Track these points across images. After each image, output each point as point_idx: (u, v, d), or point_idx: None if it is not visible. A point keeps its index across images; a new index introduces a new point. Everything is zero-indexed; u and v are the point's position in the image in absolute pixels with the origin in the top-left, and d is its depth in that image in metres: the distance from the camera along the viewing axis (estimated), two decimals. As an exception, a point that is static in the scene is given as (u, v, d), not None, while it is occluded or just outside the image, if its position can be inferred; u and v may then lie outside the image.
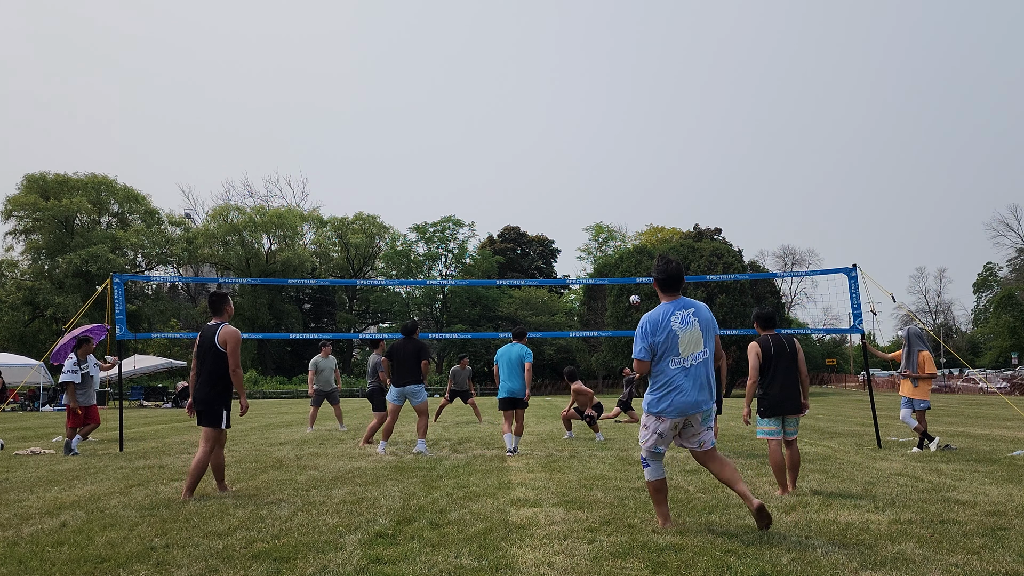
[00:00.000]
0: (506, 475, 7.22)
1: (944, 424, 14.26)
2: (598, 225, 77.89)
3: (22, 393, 29.09)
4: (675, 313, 4.62)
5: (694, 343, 4.59)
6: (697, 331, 4.60)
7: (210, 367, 6.06)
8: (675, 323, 4.59)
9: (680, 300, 4.69)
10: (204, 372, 6.08)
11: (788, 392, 6.01)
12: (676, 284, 4.71)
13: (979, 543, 4.19)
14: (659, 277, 4.72)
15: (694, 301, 4.70)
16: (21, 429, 15.72)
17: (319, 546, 4.21)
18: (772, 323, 6.29)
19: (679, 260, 4.98)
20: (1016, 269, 65.77)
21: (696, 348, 4.58)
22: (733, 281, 48.39)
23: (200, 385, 6.08)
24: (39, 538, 4.52)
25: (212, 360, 6.07)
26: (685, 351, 4.57)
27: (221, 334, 6.06)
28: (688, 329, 4.59)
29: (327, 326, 63.51)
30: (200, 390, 6.07)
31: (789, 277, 72.82)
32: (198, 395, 6.08)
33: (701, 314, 4.67)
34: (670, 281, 4.70)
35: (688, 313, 4.62)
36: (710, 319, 4.70)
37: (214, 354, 6.06)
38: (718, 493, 6.02)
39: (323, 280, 62.00)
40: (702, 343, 4.61)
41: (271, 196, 74.39)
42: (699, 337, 4.60)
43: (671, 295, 4.71)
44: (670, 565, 3.76)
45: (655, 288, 4.82)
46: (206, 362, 6.09)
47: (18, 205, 50.79)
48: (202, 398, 6.05)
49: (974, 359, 69.80)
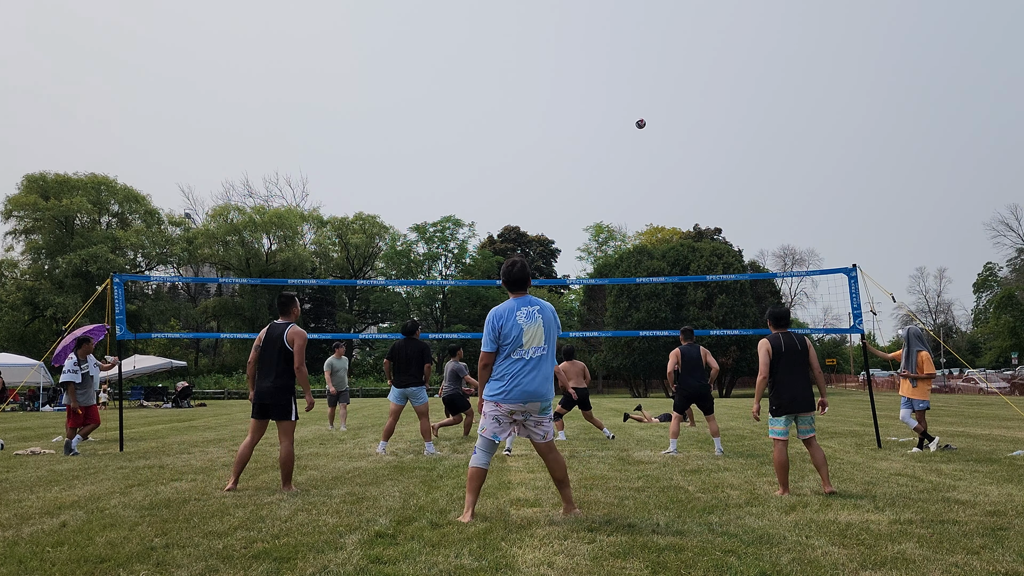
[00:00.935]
0: (506, 475, 7.22)
1: (944, 424, 14.26)
2: (598, 225, 77.90)
3: (22, 393, 29.08)
4: (520, 309, 4.96)
5: (536, 338, 4.91)
6: (540, 327, 4.93)
7: (278, 364, 6.35)
8: (520, 318, 4.92)
9: (526, 298, 5.04)
10: (271, 369, 6.35)
11: (798, 390, 5.99)
12: (521, 284, 5.06)
13: (979, 543, 4.19)
14: (504, 279, 5.08)
15: (540, 300, 5.05)
16: (21, 429, 15.72)
17: (319, 546, 4.21)
18: (785, 322, 6.34)
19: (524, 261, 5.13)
20: (1016, 269, 65.76)
21: (538, 343, 4.91)
22: (733, 281, 48.38)
23: (268, 381, 6.33)
24: (39, 538, 4.52)
25: (280, 357, 6.35)
26: (528, 344, 4.89)
27: (289, 333, 6.36)
28: (532, 324, 4.92)
29: (327, 326, 63.48)
30: (268, 386, 6.32)
31: (789, 277, 72.79)
32: (266, 391, 6.33)
33: (545, 313, 5.01)
34: (515, 282, 5.06)
35: (533, 310, 4.96)
36: (554, 319, 5.05)
37: (283, 352, 6.34)
38: (718, 493, 6.03)
39: (323, 280, 61.73)
40: (543, 339, 4.93)
41: (271, 196, 74.36)
42: (541, 333, 4.93)
43: (517, 293, 5.06)
44: (670, 565, 3.76)
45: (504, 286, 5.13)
46: (273, 359, 6.37)
47: (18, 205, 50.78)
48: (271, 393, 6.32)
49: (974, 359, 69.81)
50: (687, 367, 9.48)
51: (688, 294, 49.18)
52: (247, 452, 6.47)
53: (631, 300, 49.73)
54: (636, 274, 48.65)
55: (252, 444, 6.49)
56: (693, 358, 9.53)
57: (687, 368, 9.49)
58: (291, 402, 6.38)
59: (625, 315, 49.07)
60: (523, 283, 5.06)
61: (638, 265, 50.93)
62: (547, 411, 4.99)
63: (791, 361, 6.05)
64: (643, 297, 49.24)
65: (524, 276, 5.06)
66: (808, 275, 52.92)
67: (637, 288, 49.03)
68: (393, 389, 9.36)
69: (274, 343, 6.39)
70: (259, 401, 6.36)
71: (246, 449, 6.47)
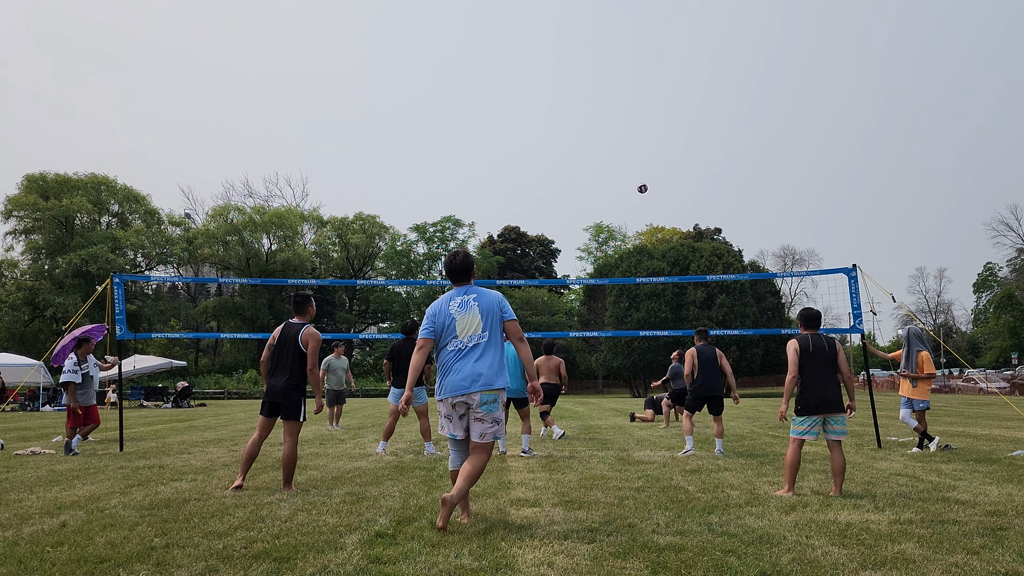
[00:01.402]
0: (506, 475, 7.22)
1: (944, 424, 14.26)
2: (598, 225, 77.96)
3: (22, 393, 29.09)
4: (455, 298, 4.86)
5: (472, 326, 4.76)
6: (476, 315, 4.77)
7: (291, 364, 6.36)
8: (453, 307, 4.82)
9: (465, 287, 4.91)
10: (284, 368, 6.36)
11: (826, 391, 5.97)
12: (462, 275, 4.93)
13: (979, 543, 4.19)
14: (445, 269, 5.01)
15: (483, 289, 4.92)
16: (21, 429, 15.72)
17: (319, 546, 4.21)
18: (816, 323, 6.31)
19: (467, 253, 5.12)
20: (1016, 269, 65.76)
21: (473, 331, 4.75)
22: (733, 281, 48.39)
23: (280, 380, 6.35)
24: (39, 538, 4.52)
25: (294, 357, 6.36)
26: (462, 333, 4.75)
27: (304, 334, 6.37)
28: (467, 312, 4.78)
29: (327, 326, 63.50)
30: (280, 385, 6.33)
31: (789, 277, 72.80)
32: (278, 389, 6.33)
33: (483, 299, 4.83)
34: (455, 273, 4.95)
35: (468, 299, 4.83)
36: (494, 304, 4.82)
37: (297, 351, 6.36)
38: (718, 493, 6.03)
39: (323, 280, 61.65)
40: (480, 326, 4.75)
41: (271, 196, 74.46)
42: (478, 321, 4.76)
43: (459, 284, 4.95)
44: (670, 565, 3.76)
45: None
46: (287, 358, 6.38)
47: (18, 205, 50.82)
48: (283, 392, 6.32)
49: (974, 359, 69.81)
50: (703, 368, 9.40)
51: (688, 294, 49.18)
52: (255, 449, 6.49)
53: (631, 300, 49.73)
54: (636, 274, 48.66)
55: (259, 441, 6.52)
56: (709, 359, 9.45)
57: (703, 369, 9.40)
58: (301, 402, 6.40)
59: (625, 315, 49.07)
60: (462, 274, 4.92)
61: (638, 265, 50.94)
62: (489, 407, 4.70)
63: (820, 362, 6.04)
64: (643, 297, 49.24)
65: (465, 267, 4.92)
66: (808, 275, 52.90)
67: (637, 288, 49.03)
68: (393, 390, 9.37)
69: (288, 342, 6.40)
70: (270, 399, 6.37)
71: (253, 447, 6.49)
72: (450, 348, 4.76)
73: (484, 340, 4.74)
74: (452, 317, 4.78)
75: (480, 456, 4.76)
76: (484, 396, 4.67)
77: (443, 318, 4.81)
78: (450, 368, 4.74)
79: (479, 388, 4.66)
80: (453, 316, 4.78)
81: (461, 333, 4.75)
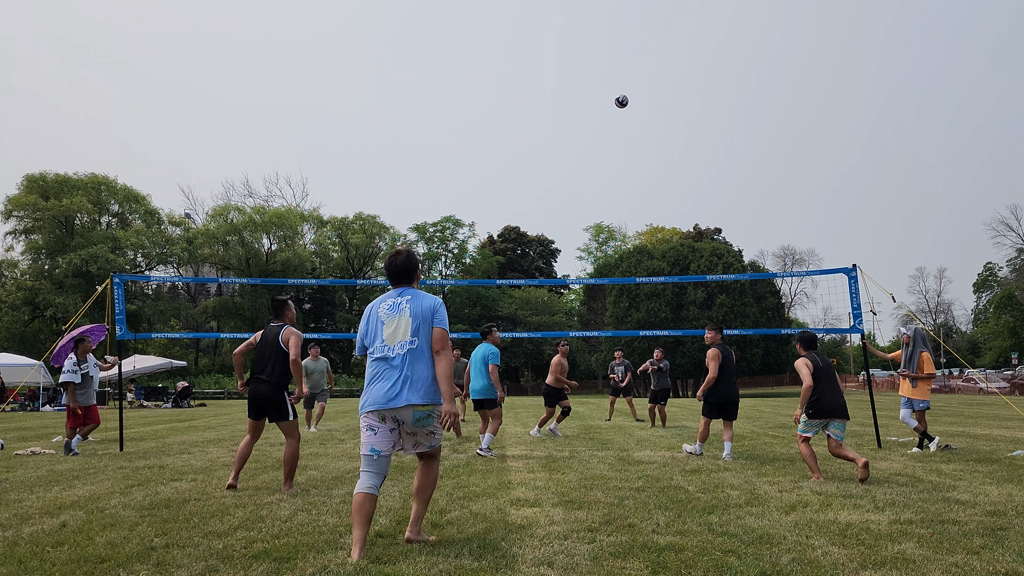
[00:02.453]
0: (506, 475, 7.22)
1: (944, 424, 14.26)
2: (598, 225, 77.97)
3: (22, 393, 29.08)
4: (387, 300, 4.35)
5: (401, 331, 4.20)
6: (407, 318, 4.22)
7: (276, 366, 6.41)
8: (383, 310, 4.31)
9: (401, 289, 4.38)
10: (266, 370, 6.39)
11: (837, 399, 6.85)
12: (401, 277, 4.41)
13: (979, 543, 4.19)
14: (386, 270, 4.45)
15: (418, 291, 4.37)
16: (21, 429, 15.72)
17: (319, 546, 4.21)
18: (815, 343, 7.21)
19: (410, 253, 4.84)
20: (1016, 269, 65.75)
21: (402, 337, 4.19)
22: (733, 281, 48.37)
23: (263, 383, 6.38)
24: (39, 538, 4.52)
25: (278, 359, 6.41)
26: (390, 339, 4.21)
27: (284, 333, 6.45)
28: (396, 316, 4.25)
29: (327, 326, 63.50)
30: (264, 388, 6.37)
31: (789, 277, 72.82)
32: (262, 393, 6.37)
33: (416, 303, 4.27)
34: (395, 275, 4.42)
35: (402, 300, 4.30)
36: (428, 308, 4.25)
37: (279, 353, 6.41)
38: (718, 493, 6.03)
39: (323, 280, 61.63)
40: (410, 332, 4.18)
41: (271, 196, 74.43)
42: (407, 325, 4.20)
43: (397, 285, 4.43)
44: (670, 565, 3.76)
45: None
46: (270, 361, 6.41)
47: (18, 205, 50.79)
48: (270, 395, 6.37)
49: (974, 359, 69.82)
50: (724, 371, 8.65)
51: (688, 294, 49.17)
52: (247, 450, 6.55)
53: (631, 300, 49.73)
54: (636, 274, 48.66)
55: (252, 443, 6.59)
56: (729, 361, 8.70)
57: (724, 373, 8.64)
58: (286, 401, 6.45)
59: (625, 315, 49.07)
60: (402, 276, 4.40)
61: (638, 265, 50.94)
62: (423, 423, 4.14)
63: (828, 375, 6.95)
64: (643, 297, 49.24)
65: (406, 268, 4.40)
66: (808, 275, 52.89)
67: (637, 288, 49.04)
68: None
69: (269, 345, 6.46)
70: (255, 403, 6.42)
71: (246, 448, 6.55)
72: (375, 356, 4.22)
73: (413, 347, 4.16)
74: (380, 321, 4.28)
75: (429, 465, 4.34)
76: (416, 412, 4.10)
77: (371, 323, 4.32)
78: (373, 380, 4.18)
79: (406, 403, 4.07)
80: (381, 320, 4.28)
81: (389, 339, 4.20)
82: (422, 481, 4.33)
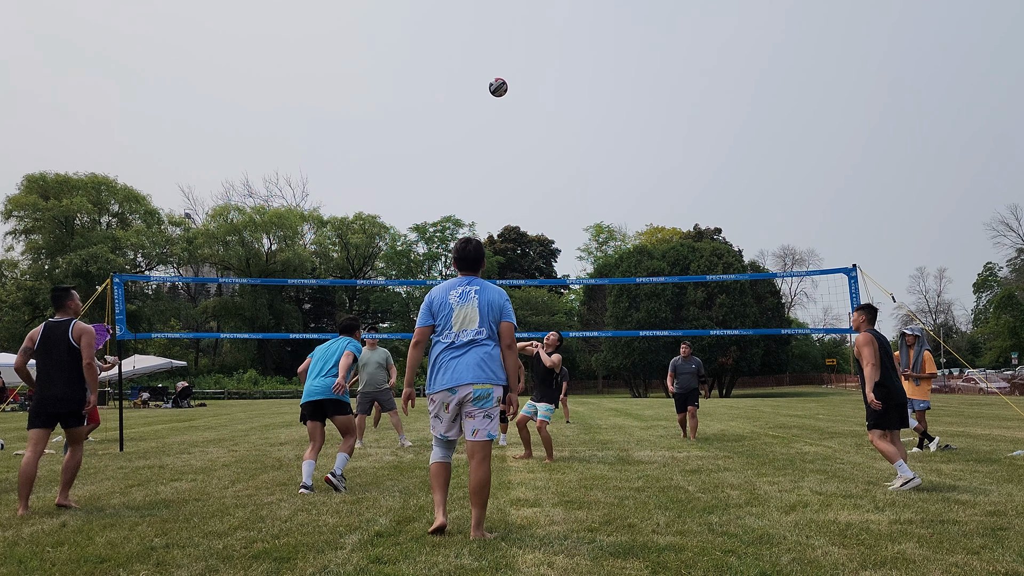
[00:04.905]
0: (506, 475, 7.22)
1: (944, 424, 14.27)
2: (598, 225, 77.99)
3: (22, 393, 29.09)
4: (457, 287, 4.57)
5: (468, 319, 4.46)
6: (474, 308, 4.47)
7: (68, 364, 5.57)
8: (453, 297, 4.52)
9: (470, 278, 4.61)
10: (60, 373, 5.57)
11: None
12: (471, 264, 4.65)
13: (979, 543, 4.19)
14: (455, 256, 4.70)
15: (487, 283, 4.61)
16: (21, 429, 15.72)
17: (319, 546, 4.21)
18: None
19: (480, 243, 4.94)
20: (1016, 269, 65.76)
21: (470, 325, 4.46)
22: (733, 281, 48.36)
23: (57, 387, 5.55)
24: (39, 538, 4.52)
25: (70, 357, 5.58)
26: (457, 326, 4.47)
27: (75, 330, 5.63)
28: (465, 304, 4.49)
29: (327, 326, 63.49)
30: (60, 389, 5.57)
31: (789, 277, 72.85)
32: (56, 395, 5.55)
33: (484, 294, 4.52)
34: (465, 261, 4.66)
35: (471, 289, 4.53)
36: (495, 301, 4.51)
37: (71, 351, 5.58)
38: (718, 493, 6.03)
39: (323, 280, 61.67)
40: (477, 321, 4.45)
41: (271, 196, 74.28)
42: (475, 314, 4.46)
43: (464, 273, 4.66)
44: (670, 565, 3.76)
45: (453, 267, 4.78)
46: (60, 360, 5.57)
47: (18, 205, 50.85)
48: (65, 398, 5.56)
49: (974, 359, 69.80)
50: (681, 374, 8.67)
51: (688, 294, 49.17)
52: (32, 470, 5.50)
53: (631, 300, 49.73)
54: (636, 274, 48.63)
55: (36, 459, 5.58)
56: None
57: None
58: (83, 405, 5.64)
59: (625, 315, 49.06)
60: (473, 263, 4.65)
61: (638, 265, 50.93)
62: (483, 403, 4.40)
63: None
64: (643, 297, 49.24)
65: (476, 256, 4.66)
66: (808, 275, 52.93)
67: (637, 288, 49.03)
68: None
69: (59, 343, 5.59)
70: (46, 410, 5.58)
71: (30, 467, 5.49)
72: (444, 341, 4.48)
73: (479, 336, 4.45)
74: (451, 308, 4.49)
75: (480, 464, 4.42)
76: (477, 391, 4.39)
77: (441, 307, 4.53)
78: (441, 362, 4.47)
79: (469, 381, 4.37)
80: (452, 306, 4.49)
81: (456, 325, 4.46)
82: (475, 483, 4.44)
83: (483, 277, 4.75)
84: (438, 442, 4.60)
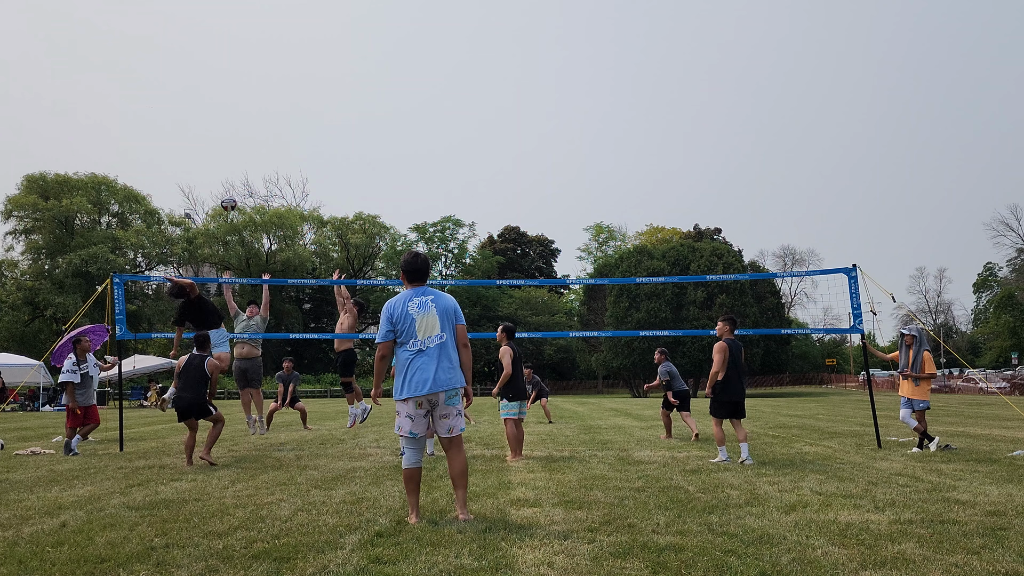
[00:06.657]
0: (506, 475, 7.22)
1: (944, 424, 14.26)
2: (598, 225, 77.93)
3: (22, 393, 29.08)
4: (413, 299, 4.97)
5: (430, 326, 4.91)
6: (434, 315, 4.93)
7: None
8: (412, 308, 4.93)
9: (423, 288, 5.06)
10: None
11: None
12: (420, 276, 5.11)
13: (979, 543, 4.19)
14: (405, 268, 5.13)
15: (438, 291, 5.07)
16: (21, 429, 15.72)
17: (319, 546, 4.22)
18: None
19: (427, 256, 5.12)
20: (1016, 269, 65.72)
21: (433, 331, 4.90)
22: (733, 281, 48.35)
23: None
24: (39, 538, 4.52)
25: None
26: (422, 333, 4.89)
27: None
28: (425, 313, 4.92)
29: (327, 326, 63.47)
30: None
31: (789, 277, 72.85)
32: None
33: (440, 301, 5.00)
34: (416, 273, 5.10)
35: (427, 299, 4.98)
36: (450, 307, 5.02)
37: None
38: (718, 493, 6.03)
39: (323, 280, 61.49)
40: (439, 326, 4.92)
41: (271, 196, 74.28)
42: (436, 321, 4.92)
43: (414, 284, 5.09)
44: (670, 565, 3.76)
45: (402, 278, 5.19)
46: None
47: (18, 205, 50.82)
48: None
49: (974, 359, 69.81)
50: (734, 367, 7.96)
51: (688, 294, 49.16)
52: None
53: (631, 300, 49.71)
54: (636, 274, 48.61)
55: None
56: (737, 356, 7.97)
57: (734, 369, 7.97)
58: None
59: (625, 315, 49.04)
60: (422, 275, 5.11)
61: (638, 265, 50.91)
62: (453, 401, 4.91)
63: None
64: (643, 297, 49.23)
65: (423, 268, 5.11)
66: (808, 275, 52.89)
67: (637, 288, 49.01)
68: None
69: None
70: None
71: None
72: (411, 348, 4.88)
73: (442, 341, 4.91)
74: (412, 317, 4.90)
75: (458, 453, 4.97)
76: (448, 393, 4.87)
77: (402, 319, 4.91)
78: (413, 367, 4.85)
79: (443, 388, 4.82)
80: (413, 317, 4.90)
81: (420, 333, 4.89)
82: (455, 469, 4.98)
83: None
84: (409, 443, 4.95)
